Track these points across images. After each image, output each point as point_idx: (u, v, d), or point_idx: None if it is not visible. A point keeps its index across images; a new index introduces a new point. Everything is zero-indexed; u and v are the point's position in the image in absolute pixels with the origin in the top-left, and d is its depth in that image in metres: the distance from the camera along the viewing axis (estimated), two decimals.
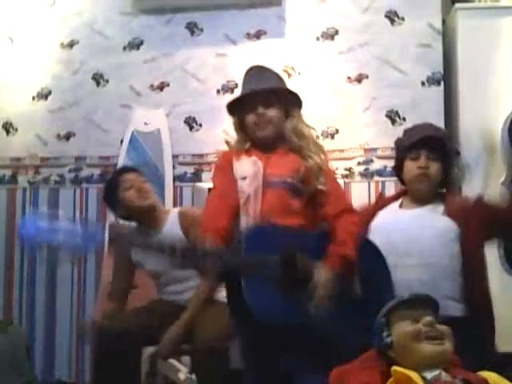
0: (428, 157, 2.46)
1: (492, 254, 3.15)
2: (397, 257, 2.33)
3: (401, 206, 2.55)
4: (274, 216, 2.23)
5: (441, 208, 2.45)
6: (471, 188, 3.20)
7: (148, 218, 2.95)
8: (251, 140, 2.40)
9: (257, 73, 2.42)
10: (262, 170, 2.29)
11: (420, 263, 2.28)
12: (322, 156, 2.38)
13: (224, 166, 2.41)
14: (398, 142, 2.62)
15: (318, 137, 3.60)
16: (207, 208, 2.36)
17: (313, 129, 2.47)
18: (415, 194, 2.51)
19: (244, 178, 2.31)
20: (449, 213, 2.42)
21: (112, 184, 3.00)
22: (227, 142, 2.49)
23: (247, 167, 2.33)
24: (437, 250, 2.34)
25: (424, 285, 2.20)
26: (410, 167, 2.48)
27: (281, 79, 2.47)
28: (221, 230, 2.20)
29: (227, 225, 2.23)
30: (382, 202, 2.65)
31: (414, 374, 1.64)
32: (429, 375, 1.67)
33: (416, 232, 2.38)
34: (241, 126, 2.41)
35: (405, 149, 2.51)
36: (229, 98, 2.49)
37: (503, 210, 2.44)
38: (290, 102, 2.40)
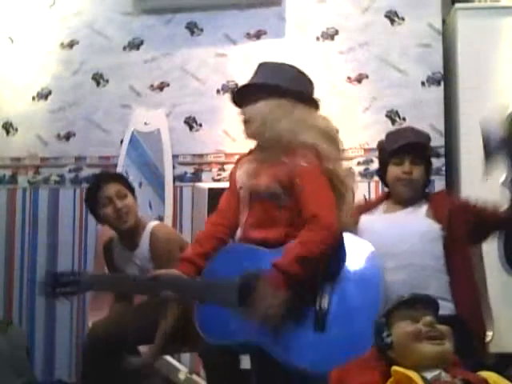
0: (411, 162, 2.47)
1: (492, 254, 3.15)
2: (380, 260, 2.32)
3: (385, 210, 2.55)
4: (256, 229, 2.20)
5: (423, 209, 2.46)
6: (471, 188, 3.21)
7: (126, 236, 2.88)
8: None
9: (255, 71, 2.37)
10: (252, 180, 2.24)
11: (402, 264, 2.28)
12: (300, 157, 2.19)
13: (230, 176, 2.42)
14: (381, 146, 2.63)
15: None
16: (206, 224, 2.38)
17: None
18: (399, 198, 2.51)
19: (241, 188, 2.31)
20: (432, 213, 2.42)
21: (90, 196, 2.88)
22: None
23: (241, 176, 2.31)
24: (418, 251, 2.35)
25: (408, 285, 2.19)
26: (394, 172, 2.49)
27: (278, 75, 2.31)
28: (200, 256, 2.25)
29: (210, 249, 2.27)
30: (364, 206, 2.64)
31: (414, 374, 1.64)
32: (429, 375, 1.67)
33: (397, 234, 2.38)
34: None
35: (388, 154, 2.51)
36: (229, 98, 2.48)
37: (490, 213, 2.44)
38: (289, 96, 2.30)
